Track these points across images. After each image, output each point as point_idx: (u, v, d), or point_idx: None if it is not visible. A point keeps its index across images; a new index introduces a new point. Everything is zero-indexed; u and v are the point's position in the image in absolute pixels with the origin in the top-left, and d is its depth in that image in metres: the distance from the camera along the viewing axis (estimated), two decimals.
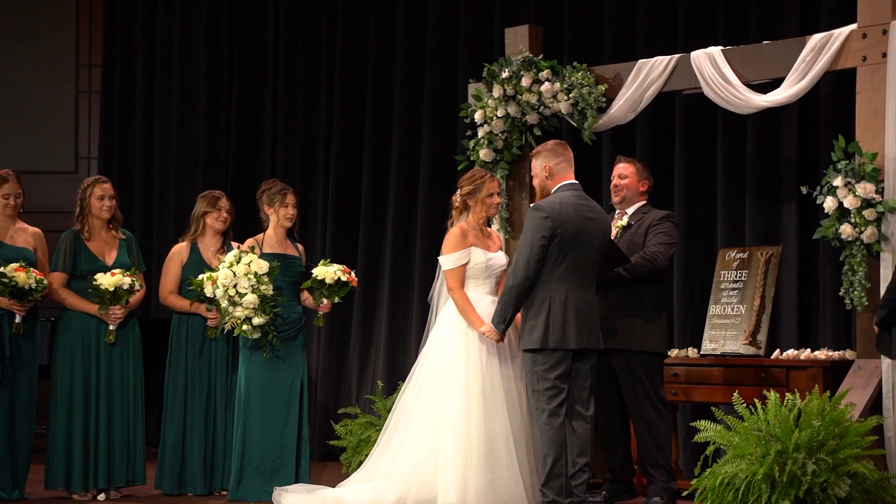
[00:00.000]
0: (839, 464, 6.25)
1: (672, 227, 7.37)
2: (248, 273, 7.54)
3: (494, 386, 7.08)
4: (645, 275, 7.21)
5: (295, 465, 7.82)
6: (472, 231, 7.27)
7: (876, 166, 6.91)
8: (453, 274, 7.20)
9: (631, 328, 7.22)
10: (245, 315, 7.56)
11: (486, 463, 6.94)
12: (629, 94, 7.90)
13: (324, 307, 7.97)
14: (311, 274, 7.88)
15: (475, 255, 7.22)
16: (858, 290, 6.95)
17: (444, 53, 10.11)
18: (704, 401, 7.87)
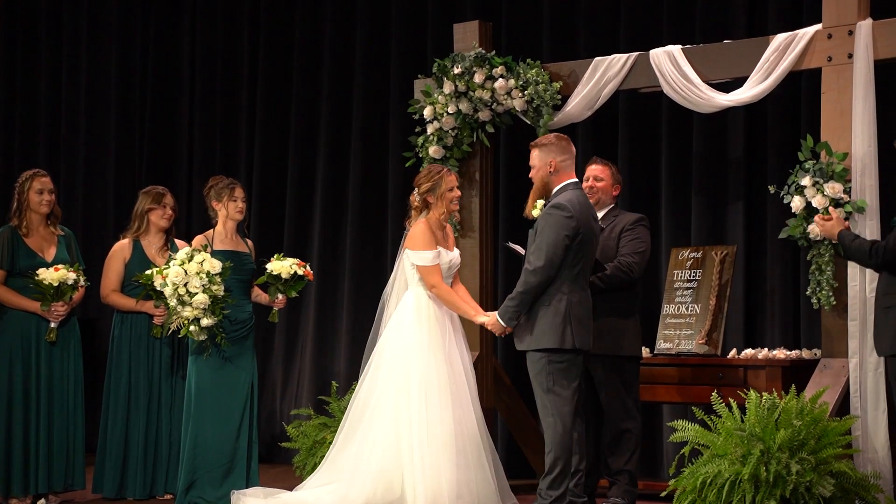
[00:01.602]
0: (821, 463, 6.26)
1: (645, 233, 7.34)
2: (200, 272, 7.28)
3: (458, 382, 6.98)
4: (619, 285, 7.18)
5: (246, 467, 7.57)
6: (436, 229, 7.13)
7: (844, 166, 6.94)
8: (432, 271, 7.05)
9: (609, 332, 7.15)
10: (193, 315, 7.30)
11: (457, 462, 6.82)
12: (586, 92, 7.82)
13: (279, 303, 7.77)
14: (265, 269, 7.66)
15: (442, 255, 7.11)
16: (826, 290, 6.98)
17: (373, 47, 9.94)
18: (661, 400, 7.85)
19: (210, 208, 7.68)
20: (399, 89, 9.58)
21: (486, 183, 8.26)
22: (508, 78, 7.92)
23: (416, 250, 7.06)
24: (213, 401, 7.50)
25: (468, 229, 8.20)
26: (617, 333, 7.20)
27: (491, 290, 8.34)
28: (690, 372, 7.60)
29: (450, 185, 7.13)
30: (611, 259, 7.22)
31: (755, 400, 6.45)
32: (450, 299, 7.03)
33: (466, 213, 8.22)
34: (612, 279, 7.15)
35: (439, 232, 7.14)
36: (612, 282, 7.15)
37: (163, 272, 7.39)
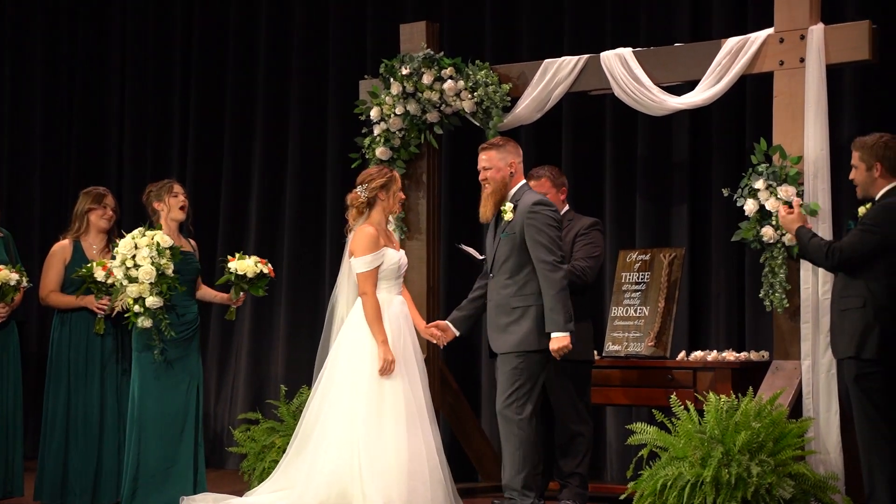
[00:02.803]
0: (779, 465, 6.30)
1: (600, 238, 7.35)
2: (150, 244, 7.17)
3: (414, 390, 6.91)
4: (572, 289, 7.09)
5: (193, 472, 7.42)
6: (383, 231, 7.06)
7: (798, 169, 6.99)
8: (367, 277, 6.95)
9: None
10: (138, 293, 7.14)
11: (409, 470, 6.75)
12: (535, 94, 7.80)
13: (239, 301, 7.67)
14: (226, 269, 7.55)
15: (389, 255, 7.00)
16: (779, 293, 7.01)
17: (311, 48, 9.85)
18: (610, 403, 7.86)
19: (152, 211, 7.54)
20: (338, 91, 9.49)
21: (433, 184, 8.21)
22: (457, 79, 7.88)
23: (357, 256, 6.95)
24: (157, 404, 7.34)
25: (415, 231, 8.13)
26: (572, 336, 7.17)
27: (437, 292, 8.29)
28: (640, 374, 7.60)
29: (400, 184, 7.10)
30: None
31: (714, 402, 6.46)
32: (371, 311, 6.89)
33: (413, 214, 8.16)
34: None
35: (387, 232, 7.09)
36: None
37: (104, 264, 7.29)
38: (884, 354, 6.25)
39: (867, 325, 6.25)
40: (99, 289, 7.40)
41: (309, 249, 9.62)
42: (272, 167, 9.94)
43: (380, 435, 6.76)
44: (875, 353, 6.25)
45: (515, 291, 6.75)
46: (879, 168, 6.37)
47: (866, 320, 6.26)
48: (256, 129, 10.00)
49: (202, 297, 7.75)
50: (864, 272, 6.30)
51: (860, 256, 6.29)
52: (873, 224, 6.30)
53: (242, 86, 10.10)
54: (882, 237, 6.25)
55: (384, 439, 6.75)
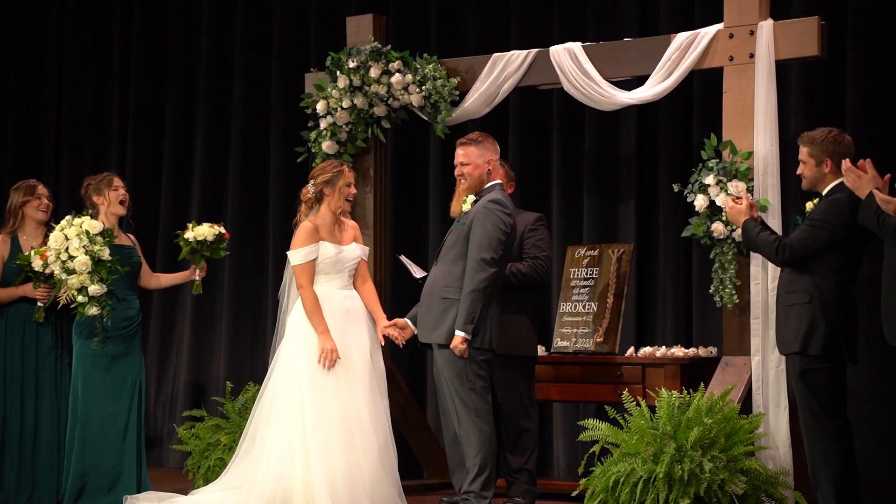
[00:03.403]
0: (731, 461, 6.29)
1: (546, 233, 7.34)
2: (80, 234, 7.05)
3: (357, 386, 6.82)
4: (529, 284, 7.18)
5: (137, 470, 7.30)
6: (325, 226, 6.97)
7: (748, 165, 6.99)
8: (303, 270, 6.90)
9: (507, 331, 7.06)
10: (80, 283, 7.02)
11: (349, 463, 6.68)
12: (484, 88, 7.76)
13: (202, 272, 7.57)
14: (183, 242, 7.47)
15: (324, 249, 6.93)
16: (729, 288, 7.01)
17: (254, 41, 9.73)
18: (558, 399, 7.81)
19: (90, 205, 7.41)
20: (281, 84, 9.38)
21: (380, 179, 8.15)
22: (405, 73, 7.81)
23: (292, 250, 6.92)
24: (99, 402, 7.23)
25: (362, 226, 7.97)
26: (515, 332, 7.15)
27: (385, 288, 8.23)
28: (589, 370, 7.56)
29: (348, 180, 7.00)
30: (512, 259, 7.15)
31: (666, 398, 6.44)
32: (308, 305, 6.84)
33: (360, 210, 8.08)
34: (527, 278, 7.14)
35: (330, 228, 6.98)
36: (526, 281, 7.14)
37: (41, 252, 7.19)
38: (829, 351, 6.25)
39: (813, 320, 6.25)
40: (37, 277, 7.29)
41: (252, 245, 9.49)
42: (214, 160, 9.82)
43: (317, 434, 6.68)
44: (820, 349, 6.25)
45: (448, 282, 6.66)
46: (829, 164, 6.36)
47: (812, 316, 6.25)
48: (198, 121, 9.88)
49: (159, 286, 7.72)
50: (810, 268, 6.29)
51: (809, 252, 6.28)
52: (822, 220, 6.29)
53: (183, 78, 9.97)
54: (831, 233, 6.25)
55: (323, 438, 6.67)
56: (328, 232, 6.96)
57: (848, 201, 6.24)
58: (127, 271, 7.33)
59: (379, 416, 6.86)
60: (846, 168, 6.10)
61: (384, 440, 6.85)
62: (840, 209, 6.26)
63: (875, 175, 6.03)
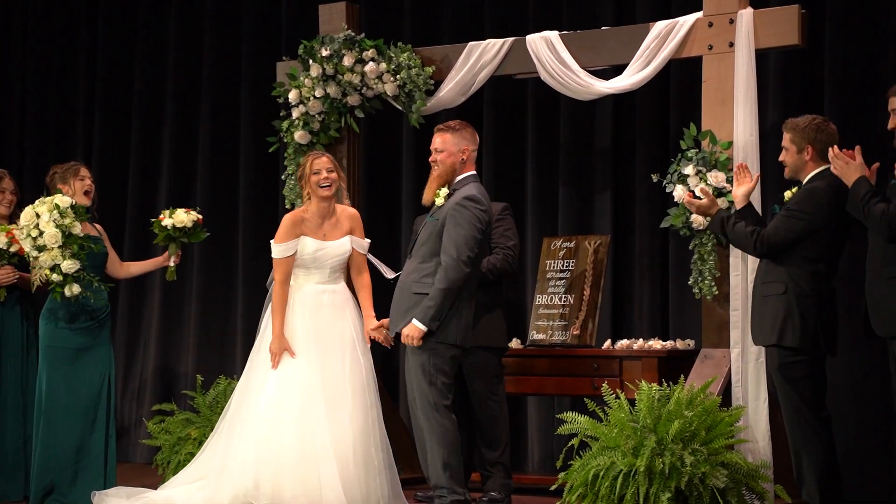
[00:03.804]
0: (712, 454, 6.20)
1: (512, 222, 7.27)
2: (51, 210, 6.94)
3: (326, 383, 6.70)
4: (504, 276, 7.13)
5: (104, 466, 7.16)
6: (312, 219, 6.86)
7: (728, 155, 6.91)
8: (279, 265, 6.84)
9: (480, 324, 6.98)
10: (51, 259, 6.88)
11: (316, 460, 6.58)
12: (459, 77, 7.66)
13: (176, 258, 7.48)
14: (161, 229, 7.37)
15: (304, 244, 6.83)
16: (708, 280, 6.94)
17: (223, 29, 9.59)
18: (534, 392, 7.74)
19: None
20: (252, 73, 9.24)
21: (354, 169, 8.02)
22: (379, 61, 7.70)
23: (273, 241, 6.85)
24: (67, 396, 7.10)
25: None
26: (487, 325, 7.08)
27: None
28: (565, 363, 7.48)
29: (314, 167, 6.86)
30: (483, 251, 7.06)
31: (646, 391, 6.36)
32: (275, 300, 6.78)
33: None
34: (501, 271, 7.10)
35: (317, 221, 6.86)
36: (501, 273, 7.10)
37: (7, 230, 7.13)
38: (805, 342, 6.18)
39: (788, 311, 6.18)
40: (1, 256, 7.17)
41: (221, 236, 9.33)
42: (183, 149, 9.66)
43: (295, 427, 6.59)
44: (797, 340, 6.17)
45: (420, 277, 6.51)
46: (810, 151, 6.29)
47: (787, 307, 6.18)
48: (166, 110, 9.72)
49: (130, 275, 7.63)
50: (785, 258, 6.22)
51: (786, 242, 6.21)
52: (799, 209, 6.22)
53: (151, 65, 9.80)
54: (807, 223, 6.18)
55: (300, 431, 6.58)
56: (314, 226, 6.85)
57: (826, 190, 6.17)
58: (95, 259, 7.19)
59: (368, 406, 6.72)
60: (833, 154, 6.02)
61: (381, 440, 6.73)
62: (817, 198, 6.18)
63: (863, 163, 5.96)
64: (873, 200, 5.86)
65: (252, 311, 9.06)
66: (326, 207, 6.85)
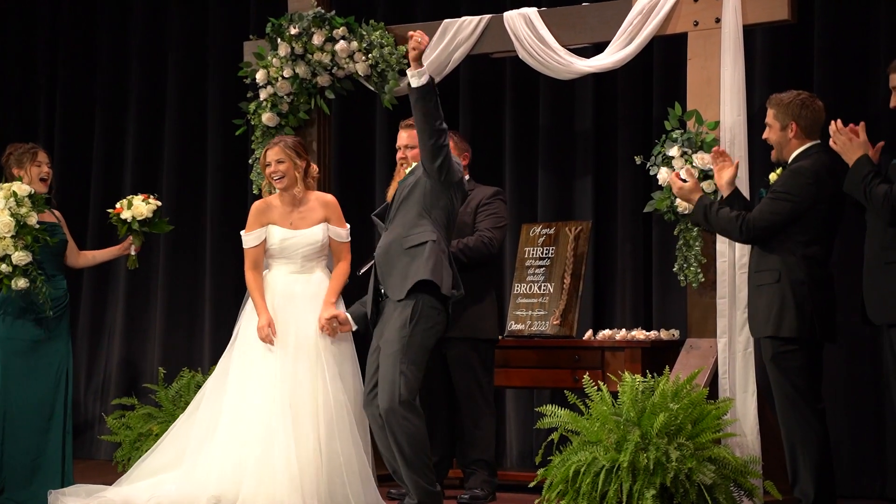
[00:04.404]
0: (698, 449, 5.92)
1: (503, 207, 6.97)
2: (7, 197, 6.68)
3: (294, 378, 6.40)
4: (480, 260, 6.82)
5: (61, 464, 6.87)
6: (280, 206, 6.60)
7: (714, 136, 6.62)
8: (248, 255, 6.61)
9: (466, 314, 6.75)
10: (2, 250, 6.60)
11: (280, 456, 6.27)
12: (434, 56, 7.34)
13: (137, 248, 7.21)
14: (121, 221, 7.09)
15: (271, 234, 6.59)
16: (694, 267, 6.65)
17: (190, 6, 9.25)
18: (513, 385, 7.46)
19: (9, 177, 6.99)
20: (219, 53, 8.92)
21: (325, 154, 7.71)
22: (350, 40, 7.40)
23: (244, 231, 6.64)
24: (23, 391, 6.82)
25: None
26: (474, 314, 6.81)
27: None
28: (545, 354, 7.19)
29: (265, 159, 6.62)
30: (467, 236, 6.82)
31: (630, 382, 6.06)
32: (248, 287, 6.55)
33: None
34: (475, 252, 6.78)
35: (287, 208, 6.59)
36: (474, 255, 6.78)
37: None
38: (803, 332, 5.89)
39: (783, 300, 5.89)
40: None
41: (188, 224, 9.01)
42: (148, 132, 9.33)
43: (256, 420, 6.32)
44: (794, 330, 5.88)
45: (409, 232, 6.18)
46: (794, 128, 5.99)
47: (782, 296, 5.90)
48: (130, 91, 9.39)
49: (90, 264, 7.35)
50: (777, 244, 5.93)
51: (773, 226, 5.92)
52: (784, 191, 5.92)
53: (115, 45, 9.46)
54: (794, 204, 5.88)
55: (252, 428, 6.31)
56: (282, 214, 6.59)
57: (812, 170, 5.89)
58: (52, 247, 6.89)
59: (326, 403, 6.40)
60: (836, 128, 5.71)
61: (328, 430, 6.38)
62: (803, 178, 5.89)
63: (867, 141, 5.66)
64: (875, 181, 5.56)
65: (220, 301, 8.78)
66: (293, 196, 6.58)
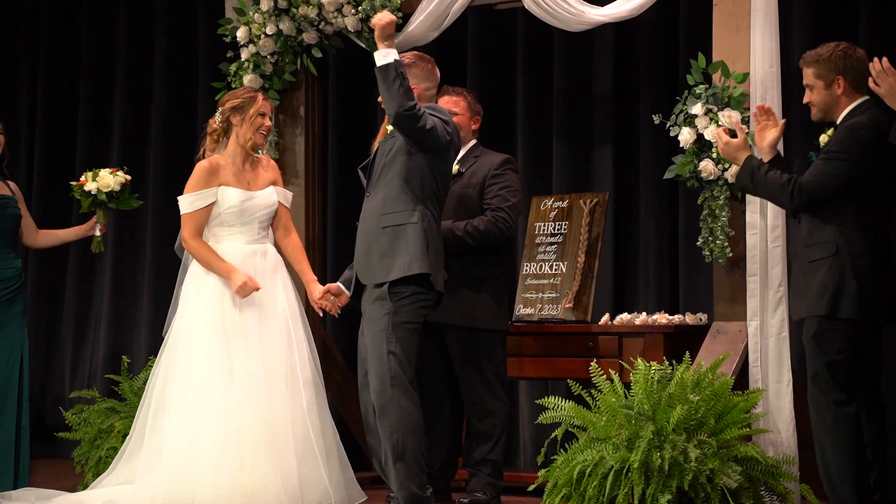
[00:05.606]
0: (723, 447, 5.22)
1: (515, 178, 6.27)
2: None
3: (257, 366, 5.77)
4: (493, 243, 6.13)
5: (13, 463, 6.28)
6: (230, 165, 5.96)
7: (743, 90, 5.86)
8: (189, 220, 5.90)
9: (470, 301, 6.10)
10: None
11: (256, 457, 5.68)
12: (431, 9, 6.64)
13: (103, 227, 6.62)
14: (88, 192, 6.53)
15: (227, 196, 5.92)
16: (720, 240, 5.90)
17: None
18: (519, 375, 6.73)
19: None
20: (207, 7, 8.26)
21: (313, 119, 7.05)
22: None
23: (183, 194, 5.91)
24: None
25: (292, 175, 6.97)
26: (479, 301, 6.14)
27: (320, 247, 7.15)
28: (556, 341, 6.49)
29: (261, 108, 5.99)
30: (472, 211, 6.13)
31: (643, 371, 5.32)
32: (201, 255, 5.86)
33: (290, 155, 6.99)
34: (486, 236, 6.08)
35: (238, 168, 5.95)
36: (485, 239, 6.09)
37: None
38: (864, 312, 5.13)
39: (842, 276, 5.13)
40: None
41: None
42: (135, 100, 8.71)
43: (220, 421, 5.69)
44: (855, 311, 5.12)
45: (388, 207, 5.62)
46: (842, 83, 5.26)
47: (840, 271, 5.14)
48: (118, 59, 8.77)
49: (48, 244, 6.83)
50: (833, 214, 5.18)
51: (828, 191, 5.16)
52: (840, 150, 5.16)
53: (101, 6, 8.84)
54: (852, 164, 5.13)
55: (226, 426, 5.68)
56: (234, 173, 5.93)
57: (870, 125, 5.15)
58: (1, 225, 6.36)
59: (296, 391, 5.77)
60: (881, 69, 4.95)
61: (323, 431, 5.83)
62: (861, 135, 5.16)
63: None
64: None
65: None
66: (249, 154, 5.98)
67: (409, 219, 5.55)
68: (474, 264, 6.10)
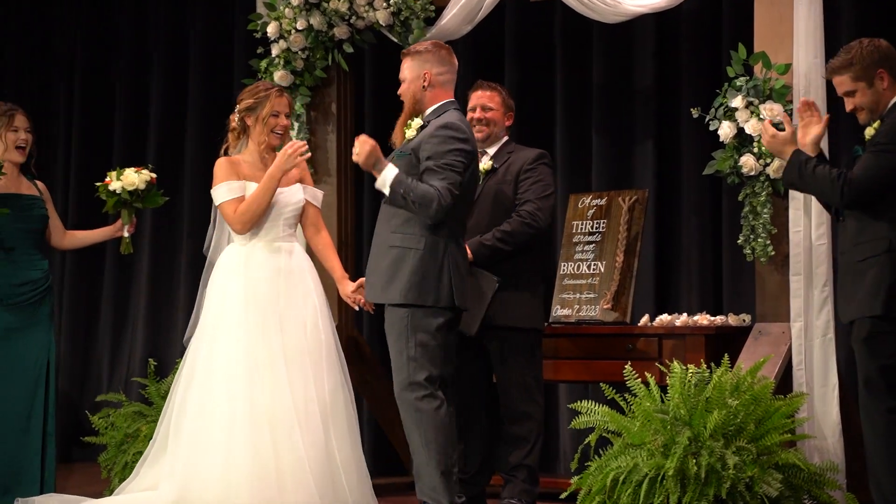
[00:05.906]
0: (763, 453, 5.04)
1: (548, 173, 6.10)
2: None
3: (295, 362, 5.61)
4: (527, 242, 5.95)
5: (40, 468, 6.15)
6: (250, 163, 5.79)
7: (785, 82, 5.67)
8: (227, 207, 5.70)
9: (509, 301, 5.91)
10: None
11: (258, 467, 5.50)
12: (464, 2, 6.53)
13: (131, 228, 6.43)
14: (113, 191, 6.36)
15: (250, 192, 5.72)
16: (762, 238, 5.72)
17: None
18: (556, 378, 6.56)
19: None
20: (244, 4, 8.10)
21: (345, 116, 6.95)
22: None
23: (213, 187, 5.75)
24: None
25: (323, 173, 6.89)
26: (517, 301, 5.96)
27: (353, 246, 7.05)
28: (594, 343, 6.34)
29: (276, 108, 5.78)
30: (507, 208, 5.97)
31: (680, 374, 5.14)
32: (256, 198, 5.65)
33: (321, 153, 6.89)
34: (518, 237, 5.92)
35: (256, 165, 5.79)
36: (518, 240, 5.92)
37: None
38: None
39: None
40: None
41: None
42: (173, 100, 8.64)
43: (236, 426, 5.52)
44: None
45: (398, 226, 5.41)
46: (885, 77, 5.08)
47: (894, 269, 4.94)
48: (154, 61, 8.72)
49: (75, 245, 6.67)
50: (884, 208, 4.98)
51: (881, 185, 4.96)
52: (890, 142, 4.96)
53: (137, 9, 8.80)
54: None
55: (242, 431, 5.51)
56: (256, 170, 5.75)
57: None
58: (28, 226, 6.23)
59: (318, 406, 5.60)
60: None
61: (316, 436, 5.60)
62: None
63: None
64: None
65: None
66: (265, 157, 5.81)
67: (415, 244, 5.35)
68: (513, 263, 5.95)
